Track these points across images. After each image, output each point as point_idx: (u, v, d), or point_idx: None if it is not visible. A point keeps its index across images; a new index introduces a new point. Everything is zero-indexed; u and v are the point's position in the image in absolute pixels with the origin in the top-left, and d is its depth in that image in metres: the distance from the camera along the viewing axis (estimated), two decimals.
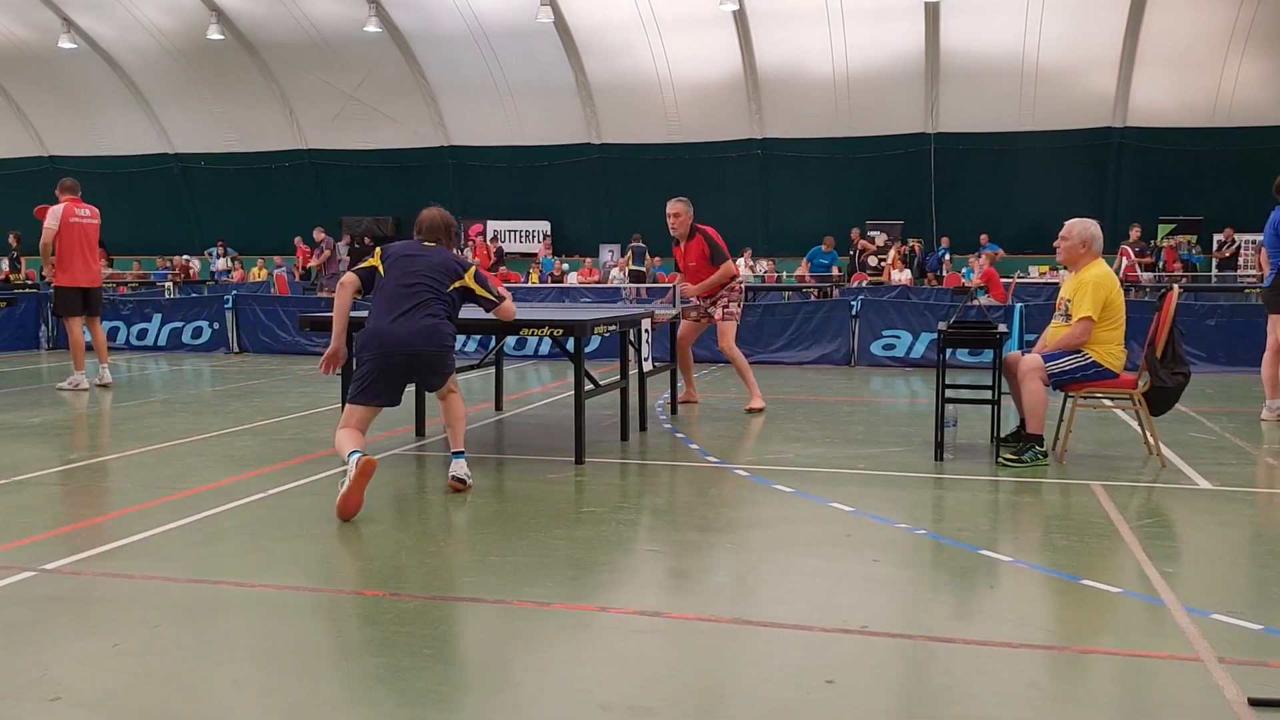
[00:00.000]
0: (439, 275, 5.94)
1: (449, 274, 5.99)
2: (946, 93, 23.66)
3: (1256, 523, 5.31)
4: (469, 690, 3.20)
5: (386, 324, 5.72)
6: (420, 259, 5.98)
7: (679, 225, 9.02)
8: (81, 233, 10.61)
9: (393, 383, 5.79)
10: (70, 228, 10.50)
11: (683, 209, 9.00)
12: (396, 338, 5.70)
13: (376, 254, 6.05)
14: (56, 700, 3.10)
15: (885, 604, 4.02)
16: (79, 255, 10.54)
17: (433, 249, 6.07)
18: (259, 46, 26.18)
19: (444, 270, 5.98)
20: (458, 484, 5.83)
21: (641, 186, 26.14)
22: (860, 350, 13.23)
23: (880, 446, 7.34)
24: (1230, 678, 3.24)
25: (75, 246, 10.52)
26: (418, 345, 5.75)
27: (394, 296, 5.81)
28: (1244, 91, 22.43)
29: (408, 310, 5.77)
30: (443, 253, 6.09)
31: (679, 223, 9.01)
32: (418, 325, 5.76)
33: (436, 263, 5.99)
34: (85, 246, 10.61)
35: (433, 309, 5.84)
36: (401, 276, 5.87)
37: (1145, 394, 6.66)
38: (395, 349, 5.70)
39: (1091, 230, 6.78)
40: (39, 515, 5.43)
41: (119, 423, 8.54)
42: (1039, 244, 21.64)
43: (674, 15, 23.27)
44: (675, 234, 9.10)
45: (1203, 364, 12.02)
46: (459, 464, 5.90)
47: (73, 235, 10.52)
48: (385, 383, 5.73)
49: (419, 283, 5.85)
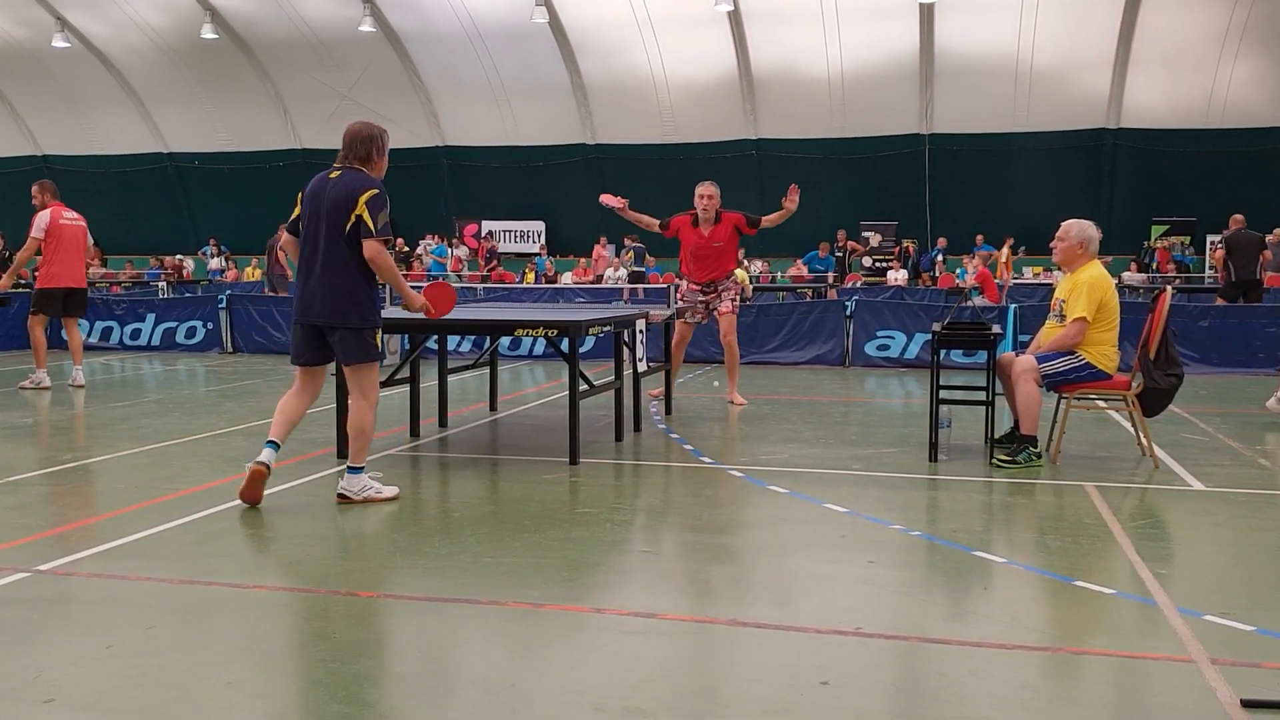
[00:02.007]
0: (337, 214, 5.07)
1: (346, 208, 5.07)
2: (941, 93, 23.68)
3: (1249, 524, 5.32)
4: (463, 691, 3.20)
5: (298, 284, 5.30)
6: (322, 197, 5.15)
7: (711, 207, 9.09)
8: (70, 235, 10.62)
9: (308, 344, 5.38)
10: (60, 229, 10.50)
11: (717, 191, 9.13)
12: (299, 303, 5.25)
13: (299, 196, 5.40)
14: (50, 702, 3.09)
15: (880, 605, 4.02)
16: (66, 257, 10.55)
17: (339, 178, 5.18)
18: (253, 46, 26.14)
19: (343, 205, 5.08)
20: (342, 499, 5.49)
21: (637, 187, 26.02)
22: (855, 351, 13.24)
23: (875, 447, 7.35)
24: (1223, 679, 3.24)
25: (64, 249, 10.53)
26: (314, 315, 5.23)
27: (302, 249, 5.23)
28: (1238, 93, 22.48)
29: (307, 267, 5.18)
30: (348, 180, 5.16)
31: (712, 204, 9.09)
32: (314, 289, 5.18)
33: (337, 198, 5.10)
34: (74, 249, 10.63)
35: (330, 263, 5.10)
36: (307, 223, 5.20)
37: (1139, 395, 6.68)
38: (298, 316, 5.29)
39: (1089, 231, 6.80)
40: (33, 516, 5.42)
41: (113, 423, 8.52)
42: (1033, 245, 21.71)
43: (669, 15, 23.27)
44: (704, 216, 9.10)
45: (1196, 365, 12.04)
46: (351, 479, 5.50)
47: (63, 236, 10.53)
48: (301, 342, 5.41)
49: (319, 229, 5.12)
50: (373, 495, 5.53)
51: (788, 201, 9.12)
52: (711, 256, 9.21)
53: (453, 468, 6.72)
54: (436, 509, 5.69)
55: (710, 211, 9.11)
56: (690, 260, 9.33)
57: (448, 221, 27.16)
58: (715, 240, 9.15)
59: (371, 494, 5.53)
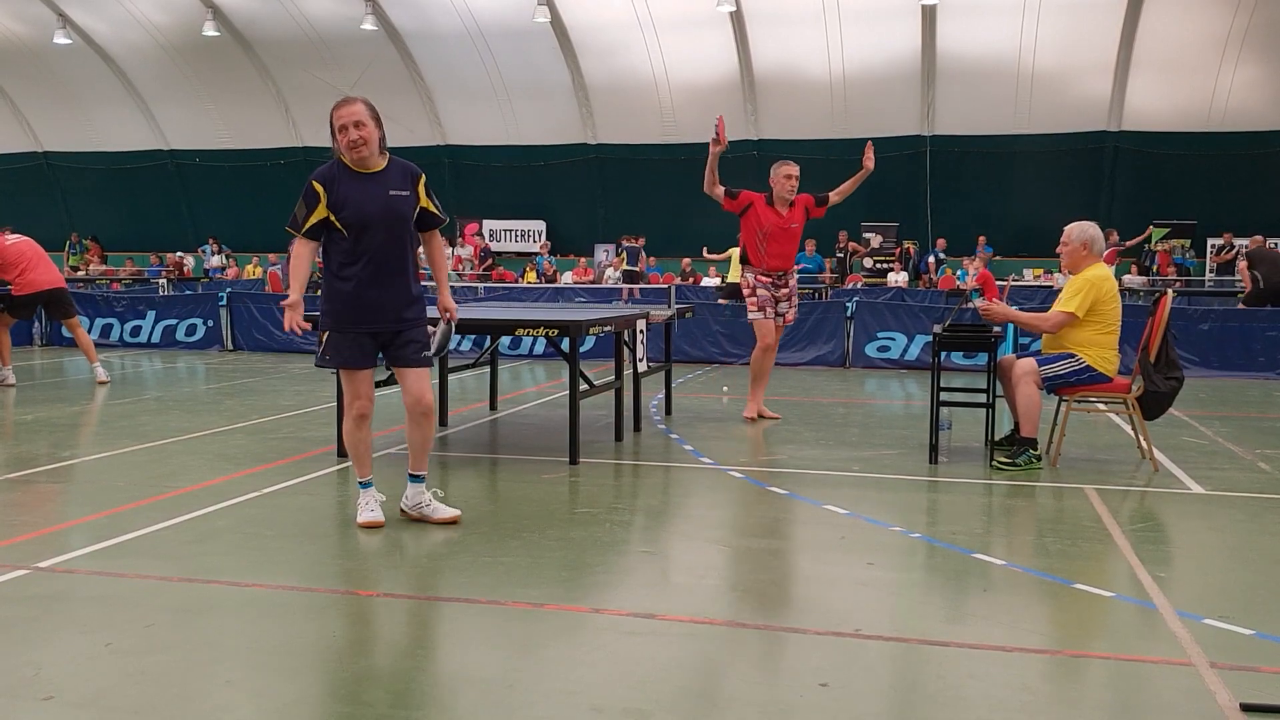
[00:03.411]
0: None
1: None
2: (942, 95, 23.68)
3: (1249, 527, 5.32)
4: (461, 692, 3.20)
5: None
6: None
7: (796, 187, 8.71)
8: (21, 250, 10.90)
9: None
10: (6, 250, 10.81)
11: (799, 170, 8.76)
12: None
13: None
14: (49, 699, 3.09)
15: (879, 607, 4.02)
16: (31, 267, 10.84)
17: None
18: (254, 43, 26.13)
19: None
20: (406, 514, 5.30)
21: (637, 187, 26.13)
22: (855, 352, 13.24)
23: (875, 449, 7.35)
24: (1222, 683, 3.24)
25: (24, 261, 10.82)
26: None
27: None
28: (1239, 96, 22.48)
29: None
30: None
31: (796, 185, 8.71)
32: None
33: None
34: (33, 258, 10.90)
35: None
36: None
37: (1139, 398, 6.68)
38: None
39: (1090, 232, 6.80)
40: (32, 513, 5.42)
41: (112, 420, 8.52)
42: (1034, 247, 21.71)
43: (670, 16, 23.27)
44: (789, 197, 8.67)
45: (1196, 368, 12.04)
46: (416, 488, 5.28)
47: (18, 249, 10.85)
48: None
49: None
50: (429, 514, 5.22)
51: (867, 160, 8.60)
52: (788, 240, 8.71)
53: (452, 467, 6.71)
54: None
55: (793, 193, 8.68)
56: (763, 243, 8.63)
57: (449, 221, 27.16)
58: (792, 222, 8.68)
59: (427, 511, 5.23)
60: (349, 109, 4.88)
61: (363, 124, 4.85)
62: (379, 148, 4.94)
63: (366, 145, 4.87)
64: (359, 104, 4.91)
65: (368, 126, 4.86)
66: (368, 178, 4.94)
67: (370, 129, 4.87)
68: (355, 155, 4.88)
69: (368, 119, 4.87)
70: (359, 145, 4.85)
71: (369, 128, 4.87)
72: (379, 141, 4.93)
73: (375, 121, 4.92)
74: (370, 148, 4.89)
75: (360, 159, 4.90)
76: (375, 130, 4.90)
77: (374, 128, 4.90)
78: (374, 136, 4.89)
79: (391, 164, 5.01)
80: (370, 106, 4.94)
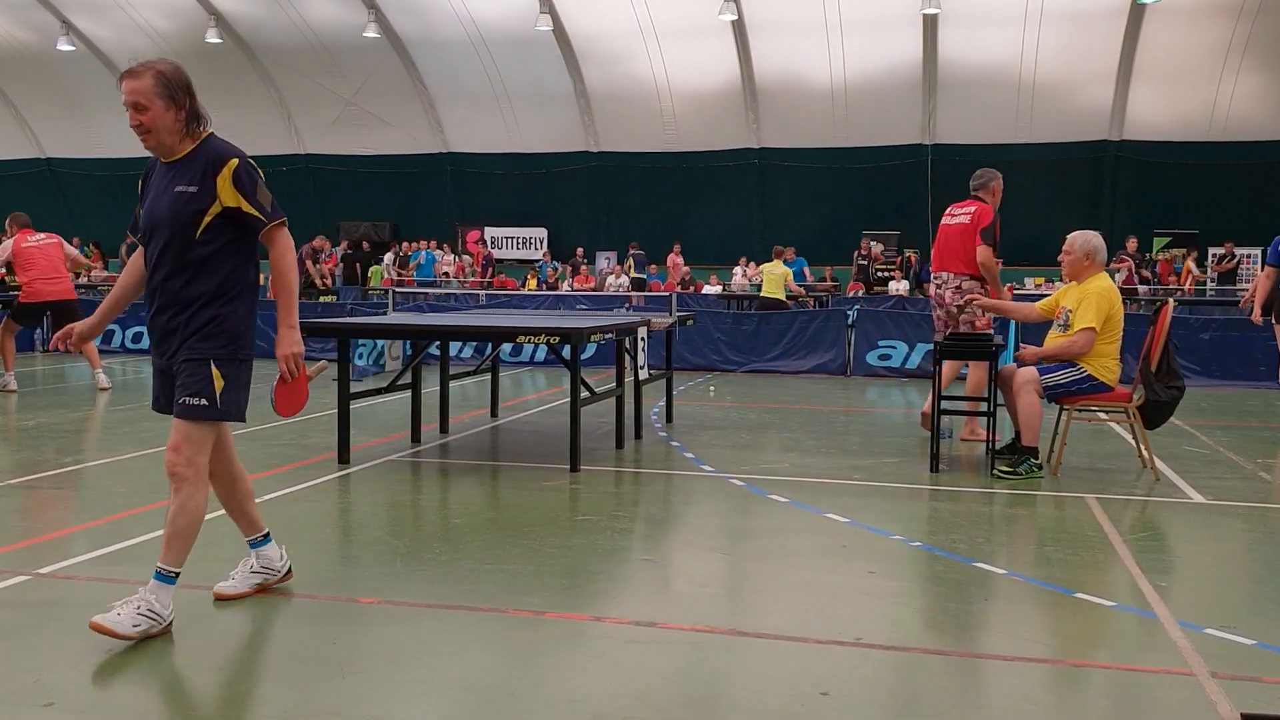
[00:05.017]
0: None
1: None
2: (944, 104, 23.72)
3: (1250, 537, 5.32)
4: (463, 700, 3.20)
5: None
6: None
7: None
8: (40, 253, 11.02)
9: None
10: (23, 251, 10.96)
11: None
12: None
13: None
14: (50, 706, 3.09)
15: (880, 615, 4.02)
16: (43, 274, 10.96)
17: None
18: (257, 50, 26.19)
19: None
20: (102, 628, 3.55)
21: (639, 195, 26.18)
22: (856, 360, 13.25)
23: (876, 457, 7.35)
24: (1223, 693, 3.24)
25: (37, 267, 10.95)
26: None
27: None
28: (1240, 106, 22.52)
29: None
30: None
31: None
32: None
33: None
34: (47, 265, 11.02)
35: None
36: None
37: (1140, 407, 6.68)
38: None
39: (1094, 242, 6.81)
40: (33, 519, 5.42)
41: (114, 426, 8.52)
42: (1035, 256, 21.70)
43: (673, 24, 23.32)
44: None
45: (1197, 378, 12.03)
46: (156, 590, 3.71)
47: (31, 257, 10.98)
48: None
49: None
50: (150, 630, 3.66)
51: None
52: None
53: (453, 474, 6.71)
54: (437, 515, 5.68)
55: None
56: None
57: (450, 228, 27.19)
58: None
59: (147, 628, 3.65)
60: (130, 83, 3.65)
61: (144, 106, 3.63)
62: (184, 130, 3.71)
63: (152, 135, 3.68)
64: (146, 76, 3.64)
65: (152, 109, 3.64)
66: (166, 168, 3.79)
67: (157, 111, 3.64)
68: (144, 144, 3.75)
69: (155, 98, 3.63)
70: (142, 134, 3.70)
71: (155, 110, 3.64)
72: (181, 123, 3.69)
73: (169, 100, 3.64)
74: (158, 137, 3.68)
75: (151, 148, 3.76)
76: (168, 112, 3.65)
77: (164, 108, 3.64)
78: (164, 121, 3.66)
79: (195, 150, 3.74)
80: (162, 79, 3.66)
